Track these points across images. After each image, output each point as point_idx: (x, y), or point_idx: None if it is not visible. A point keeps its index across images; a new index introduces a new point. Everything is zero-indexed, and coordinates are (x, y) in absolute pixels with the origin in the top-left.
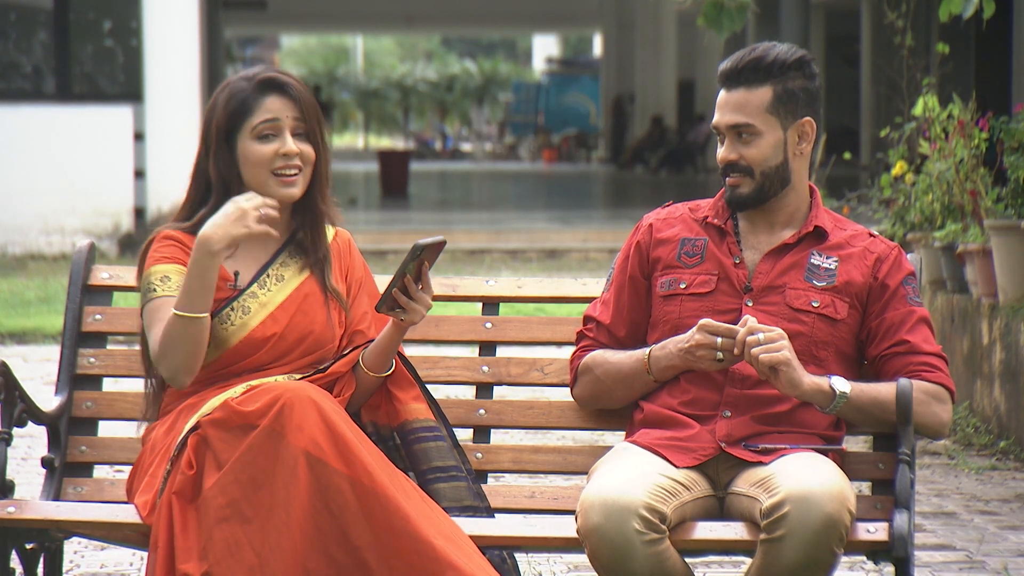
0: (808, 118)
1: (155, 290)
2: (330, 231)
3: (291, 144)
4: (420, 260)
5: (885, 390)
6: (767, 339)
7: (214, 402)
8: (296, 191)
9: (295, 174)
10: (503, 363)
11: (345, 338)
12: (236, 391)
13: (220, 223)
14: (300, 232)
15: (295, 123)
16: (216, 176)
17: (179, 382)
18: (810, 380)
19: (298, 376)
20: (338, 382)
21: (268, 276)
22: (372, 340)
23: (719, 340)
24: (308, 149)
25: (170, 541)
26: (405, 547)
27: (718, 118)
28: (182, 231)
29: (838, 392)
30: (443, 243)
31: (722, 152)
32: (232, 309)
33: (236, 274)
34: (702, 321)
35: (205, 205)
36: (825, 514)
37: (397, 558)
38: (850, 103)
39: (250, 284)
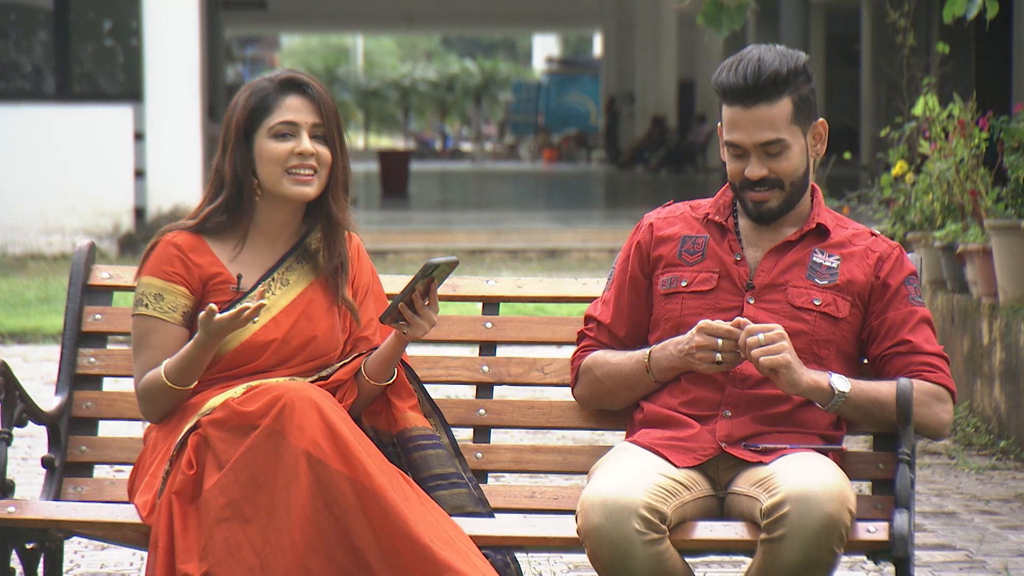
0: (821, 119)
1: (146, 306)
2: None
3: (307, 144)
4: (430, 278)
5: (885, 389)
6: (767, 339)
7: (214, 402)
8: (310, 191)
9: (310, 174)
10: (503, 363)
11: (349, 344)
12: (236, 391)
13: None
14: (309, 237)
15: (313, 124)
16: (231, 173)
17: (152, 421)
18: (809, 378)
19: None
20: (340, 388)
21: (273, 280)
22: (376, 347)
23: (719, 342)
24: (325, 151)
25: (170, 541)
26: (404, 549)
27: (742, 137)
28: (188, 232)
29: (837, 391)
30: (455, 263)
31: (750, 169)
32: None
33: (239, 277)
34: (701, 323)
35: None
36: (825, 514)
37: (398, 559)
38: (850, 103)
39: (253, 288)
